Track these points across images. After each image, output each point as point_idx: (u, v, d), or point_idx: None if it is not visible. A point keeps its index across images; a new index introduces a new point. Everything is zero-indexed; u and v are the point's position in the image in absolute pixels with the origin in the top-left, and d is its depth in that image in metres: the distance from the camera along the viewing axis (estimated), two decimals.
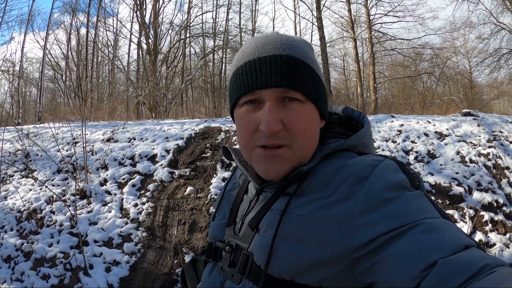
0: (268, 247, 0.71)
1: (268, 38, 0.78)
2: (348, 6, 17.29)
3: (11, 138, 7.04)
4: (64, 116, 10.91)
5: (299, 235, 0.69)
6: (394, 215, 0.62)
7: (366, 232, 0.63)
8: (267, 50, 0.75)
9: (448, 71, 22.02)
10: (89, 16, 21.23)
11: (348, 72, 25.94)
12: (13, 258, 4.49)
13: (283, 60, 0.73)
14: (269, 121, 0.71)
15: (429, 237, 0.57)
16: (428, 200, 0.67)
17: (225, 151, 0.91)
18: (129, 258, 4.42)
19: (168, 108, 15.08)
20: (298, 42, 0.79)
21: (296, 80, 0.73)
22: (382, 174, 0.69)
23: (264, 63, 0.74)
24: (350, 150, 0.81)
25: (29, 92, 27.39)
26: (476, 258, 0.53)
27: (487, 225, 4.88)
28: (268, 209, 0.77)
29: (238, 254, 0.79)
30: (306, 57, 0.77)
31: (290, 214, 0.72)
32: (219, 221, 0.92)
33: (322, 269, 0.66)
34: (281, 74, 0.72)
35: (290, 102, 0.74)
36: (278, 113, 0.73)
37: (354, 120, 0.91)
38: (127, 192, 5.42)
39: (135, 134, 7.00)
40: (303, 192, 0.74)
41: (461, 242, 0.57)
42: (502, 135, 6.51)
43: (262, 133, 0.74)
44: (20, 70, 18.71)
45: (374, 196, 0.66)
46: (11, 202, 5.40)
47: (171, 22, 18.60)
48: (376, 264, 0.61)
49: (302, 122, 0.74)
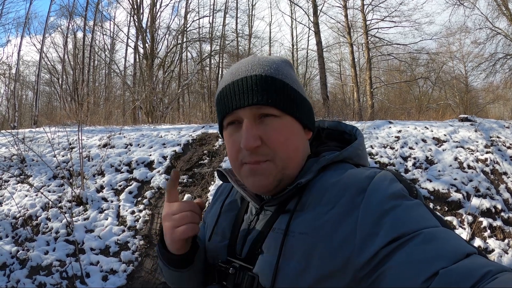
0: (273, 268, 0.71)
1: (243, 62, 0.83)
2: (345, 11, 17.39)
3: (6, 143, 6.98)
4: (60, 120, 10.87)
5: (303, 253, 0.69)
6: (393, 226, 0.62)
7: (370, 247, 0.62)
8: (240, 73, 0.79)
9: (444, 76, 22.20)
10: (86, 20, 21.20)
11: (345, 77, 26.08)
12: (8, 266, 4.44)
13: (254, 80, 0.77)
14: (246, 138, 0.75)
15: (430, 246, 0.57)
16: (427, 209, 0.67)
17: (220, 175, 0.93)
18: (126, 267, 4.38)
19: (164, 113, 15.05)
20: (271, 61, 0.82)
21: (268, 96, 0.76)
22: (380, 185, 0.69)
23: (237, 85, 0.78)
24: (346, 162, 0.82)
25: (25, 95, 27.34)
26: (478, 265, 0.53)
27: (486, 231, 4.88)
28: (270, 228, 0.78)
29: (242, 275, 0.78)
30: (278, 73, 0.79)
31: (291, 233, 0.72)
32: (219, 242, 0.90)
33: (327, 286, 0.66)
34: (252, 93, 0.76)
35: (266, 118, 0.77)
36: (256, 130, 0.76)
37: (347, 134, 0.93)
38: (124, 199, 5.38)
39: (132, 140, 6.96)
40: (303, 207, 0.75)
41: (462, 251, 0.56)
42: (500, 141, 6.53)
43: (245, 151, 0.77)
44: (17, 73, 18.63)
45: (374, 208, 0.66)
46: (6, 208, 5.35)
47: (168, 27, 18.54)
48: (379, 277, 0.60)
49: (280, 135, 0.77)
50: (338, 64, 27.08)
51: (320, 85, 14.27)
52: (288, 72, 0.82)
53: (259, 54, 0.85)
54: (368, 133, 6.86)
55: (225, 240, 0.89)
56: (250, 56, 0.85)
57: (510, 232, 4.90)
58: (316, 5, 15.53)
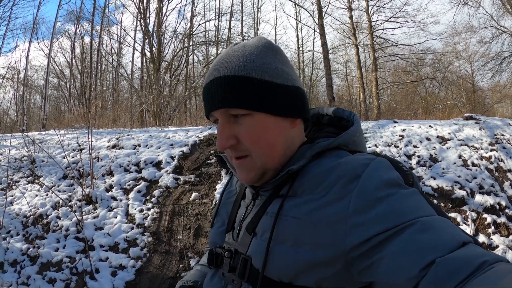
0: (264, 250, 0.73)
1: (217, 59, 0.83)
2: (350, 13, 17.39)
3: (17, 144, 7.12)
4: (69, 124, 11.01)
5: (295, 237, 0.70)
6: (388, 214, 0.62)
7: (361, 232, 0.63)
8: (211, 74, 0.80)
9: (450, 76, 22.03)
10: (93, 24, 21.39)
11: (351, 79, 26.08)
12: (19, 263, 4.53)
13: (218, 82, 0.77)
14: (219, 139, 0.79)
15: (426, 235, 0.57)
16: (423, 197, 0.66)
17: (220, 160, 0.93)
18: (135, 263, 4.47)
19: (171, 116, 15.16)
20: (240, 54, 0.79)
21: (232, 97, 0.76)
22: (375, 172, 0.68)
23: (208, 88, 0.79)
24: (341, 149, 0.82)
25: (34, 99, 27.65)
26: (474, 255, 0.53)
27: (490, 228, 4.89)
28: (263, 212, 0.79)
29: (237, 259, 0.81)
30: (243, 68, 0.77)
31: (284, 217, 0.73)
32: (218, 228, 0.94)
33: (319, 270, 0.67)
34: (218, 96, 0.77)
35: (239, 118, 0.78)
36: (231, 130, 0.79)
37: (345, 120, 0.91)
38: (132, 198, 5.47)
39: (140, 141, 7.07)
40: (296, 193, 0.75)
41: (458, 240, 0.56)
42: (504, 138, 6.53)
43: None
44: (25, 78, 18.90)
45: (368, 195, 0.65)
46: (17, 207, 5.46)
47: (174, 31, 18.67)
48: (373, 264, 0.61)
49: (252, 135, 0.78)
50: (344, 65, 27.05)
51: (326, 87, 14.26)
52: (261, 62, 0.78)
53: (239, 43, 0.76)
54: (372, 132, 6.91)
55: (224, 225, 0.92)
56: (227, 48, 0.84)
57: None
58: (321, 7, 15.54)
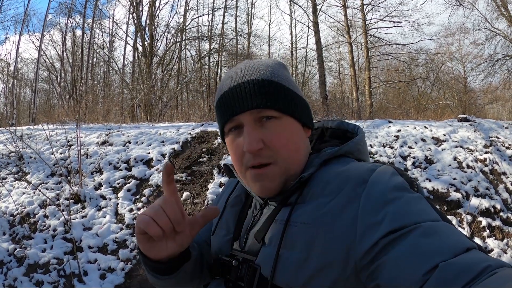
0: (273, 258, 0.72)
1: (238, 68, 0.85)
2: (344, 11, 17.34)
3: (4, 140, 6.95)
4: (59, 118, 10.81)
5: (305, 243, 0.70)
6: (395, 216, 0.63)
7: (370, 236, 0.63)
8: (238, 79, 0.81)
9: (443, 76, 22.19)
10: (84, 17, 21.14)
11: (344, 77, 26.03)
12: (6, 264, 4.41)
13: (251, 84, 0.79)
14: (248, 142, 0.77)
15: (430, 240, 0.58)
16: (428, 203, 0.68)
17: (227, 169, 0.94)
18: (125, 265, 4.36)
19: (163, 111, 15.03)
20: (266, 65, 0.84)
21: (267, 99, 0.78)
22: (382, 177, 0.70)
23: (235, 91, 0.80)
24: (347, 156, 0.84)
25: (23, 93, 27.15)
26: (478, 260, 0.53)
27: (485, 231, 4.88)
28: (272, 220, 0.78)
29: (245, 268, 0.79)
30: (273, 76, 0.81)
31: (294, 223, 0.73)
32: (223, 236, 0.91)
33: (328, 275, 0.67)
34: (251, 97, 0.78)
35: (267, 121, 0.79)
36: (258, 133, 0.78)
37: (350, 132, 0.95)
38: (122, 197, 5.35)
39: (131, 137, 6.94)
40: (304, 199, 0.76)
41: (462, 245, 0.57)
42: (499, 141, 6.53)
43: (249, 155, 0.79)
44: (15, 71, 18.58)
45: (376, 197, 0.67)
46: (4, 205, 5.32)
47: (167, 25, 18.49)
48: (378, 267, 0.61)
49: (281, 137, 0.79)
50: (337, 63, 27.04)
51: (319, 84, 14.26)
52: (283, 74, 0.85)
53: (254, 59, 0.85)
54: (367, 132, 6.86)
55: (230, 234, 0.90)
56: (245, 61, 0.88)
57: (509, 232, 4.90)
58: (316, 4, 15.50)
